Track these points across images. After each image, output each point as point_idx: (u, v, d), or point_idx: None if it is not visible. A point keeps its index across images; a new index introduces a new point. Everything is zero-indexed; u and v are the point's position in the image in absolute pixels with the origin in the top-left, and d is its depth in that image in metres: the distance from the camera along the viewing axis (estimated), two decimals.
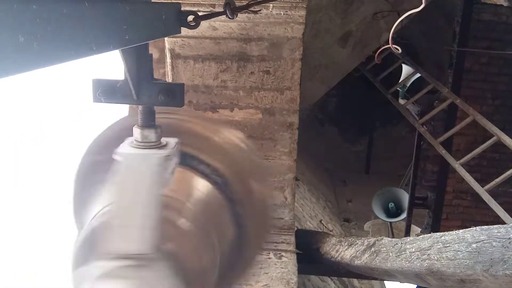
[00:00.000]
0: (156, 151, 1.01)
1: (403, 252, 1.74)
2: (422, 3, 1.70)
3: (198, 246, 1.02)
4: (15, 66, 0.52)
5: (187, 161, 1.14)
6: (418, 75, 5.54)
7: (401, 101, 5.68)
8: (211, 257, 1.05)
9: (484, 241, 1.31)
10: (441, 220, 5.59)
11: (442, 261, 1.45)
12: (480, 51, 4.98)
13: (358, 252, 2.19)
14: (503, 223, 2.65)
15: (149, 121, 1.05)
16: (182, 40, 2.61)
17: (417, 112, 5.26)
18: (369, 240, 2.20)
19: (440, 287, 1.55)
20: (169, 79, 2.75)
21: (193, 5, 2.35)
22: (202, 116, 1.46)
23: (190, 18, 1.17)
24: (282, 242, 2.91)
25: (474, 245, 1.34)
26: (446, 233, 1.55)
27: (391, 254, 1.84)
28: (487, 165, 5.18)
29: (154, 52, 2.76)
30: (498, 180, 3.60)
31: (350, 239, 2.48)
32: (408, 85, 6.37)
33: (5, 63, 0.50)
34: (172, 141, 1.06)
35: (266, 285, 2.68)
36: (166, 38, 2.60)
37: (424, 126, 4.87)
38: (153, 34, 0.99)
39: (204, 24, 1.66)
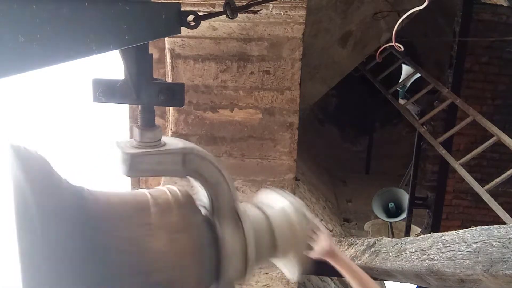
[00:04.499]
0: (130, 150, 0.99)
1: (403, 252, 1.74)
2: (424, 2, 1.70)
3: None
4: (15, 66, 0.52)
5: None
6: (418, 75, 5.54)
7: (401, 101, 5.67)
8: None
9: (484, 241, 1.31)
10: (441, 220, 5.59)
11: (442, 261, 1.45)
12: (480, 40, 4.98)
13: (358, 252, 2.19)
14: (503, 223, 2.65)
15: (148, 121, 1.05)
16: (182, 40, 2.61)
17: (417, 112, 5.26)
18: (369, 240, 2.20)
19: (440, 287, 1.55)
20: (169, 79, 2.75)
21: (193, 5, 2.35)
22: None
23: (190, 18, 1.17)
24: None
25: (474, 245, 1.34)
26: (446, 233, 1.55)
27: (391, 254, 1.84)
28: (487, 165, 5.18)
29: (154, 52, 2.76)
30: (498, 180, 3.60)
31: (350, 239, 2.48)
32: (408, 85, 6.36)
33: (5, 63, 0.50)
34: (175, 143, 1.05)
35: (266, 285, 2.68)
36: (166, 38, 2.60)
37: (424, 126, 4.87)
38: (153, 34, 0.99)
39: (204, 24, 1.66)
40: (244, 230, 1.04)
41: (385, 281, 6.36)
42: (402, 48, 2.17)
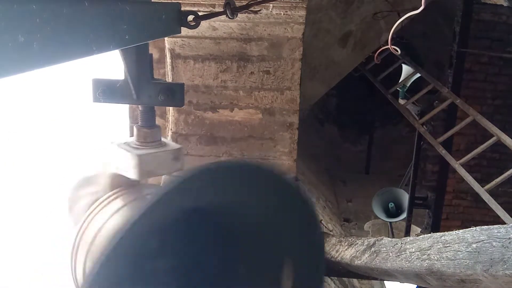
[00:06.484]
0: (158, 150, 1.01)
1: (403, 252, 1.74)
2: (422, 4, 1.70)
3: None
4: (15, 66, 0.52)
5: None
6: (418, 75, 5.54)
7: (401, 101, 5.67)
8: None
9: (484, 241, 1.31)
10: (441, 220, 5.59)
11: (442, 261, 1.45)
12: (480, 52, 4.97)
13: (358, 252, 2.19)
14: (503, 223, 2.65)
15: (149, 121, 1.05)
16: (182, 40, 2.61)
17: (417, 112, 5.26)
18: (369, 240, 2.20)
19: (440, 287, 1.55)
20: (169, 79, 2.75)
21: (193, 5, 2.35)
22: None
23: (190, 18, 1.17)
24: None
25: (474, 245, 1.34)
26: (446, 233, 1.55)
27: (391, 254, 1.84)
28: (487, 165, 5.18)
29: (154, 52, 2.76)
30: (498, 180, 3.60)
31: (350, 239, 2.48)
32: (408, 85, 6.36)
33: (5, 63, 0.50)
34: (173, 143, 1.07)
35: None
36: (166, 38, 2.60)
37: (424, 126, 4.87)
38: (153, 34, 0.99)
39: (204, 24, 1.66)
40: None
41: (385, 281, 6.36)
42: (399, 51, 2.18)
